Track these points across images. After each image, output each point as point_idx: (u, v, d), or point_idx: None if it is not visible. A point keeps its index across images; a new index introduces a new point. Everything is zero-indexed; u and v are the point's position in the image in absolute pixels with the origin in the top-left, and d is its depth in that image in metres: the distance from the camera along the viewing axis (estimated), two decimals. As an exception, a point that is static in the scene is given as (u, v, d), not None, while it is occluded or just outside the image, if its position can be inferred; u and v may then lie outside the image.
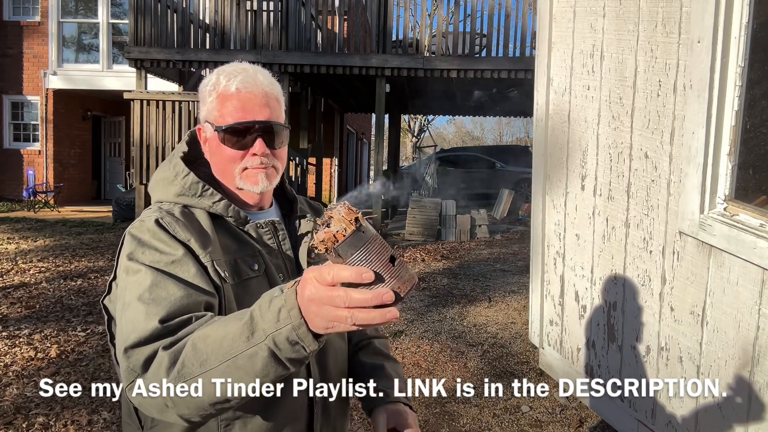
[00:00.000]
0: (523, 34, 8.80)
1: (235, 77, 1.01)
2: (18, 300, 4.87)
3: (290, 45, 8.83)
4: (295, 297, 0.71)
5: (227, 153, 1.02)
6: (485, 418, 2.94)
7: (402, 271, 0.70)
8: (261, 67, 1.06)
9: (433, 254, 7.52)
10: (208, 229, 1.00)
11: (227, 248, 1.00)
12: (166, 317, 0.85)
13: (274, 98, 1.03)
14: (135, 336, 0.83)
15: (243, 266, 1.00)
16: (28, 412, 2.90)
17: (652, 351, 2.45)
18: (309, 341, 0.71)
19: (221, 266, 0.96)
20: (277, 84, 1.06)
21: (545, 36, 3.16)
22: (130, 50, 8.79)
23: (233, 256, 1.00)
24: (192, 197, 1.03)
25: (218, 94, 1.02)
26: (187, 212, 1.01)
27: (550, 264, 3.25)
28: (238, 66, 1.04)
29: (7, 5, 12.38)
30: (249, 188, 1.03)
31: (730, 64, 2.00)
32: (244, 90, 1.00)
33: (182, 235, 0.95)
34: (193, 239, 0.95)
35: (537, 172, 3.35)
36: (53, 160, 12.46)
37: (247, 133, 1.01)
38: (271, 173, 1.04)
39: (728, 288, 2.02)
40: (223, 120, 1.01)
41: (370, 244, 0.69)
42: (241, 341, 0.74)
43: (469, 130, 44.57)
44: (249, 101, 1.00)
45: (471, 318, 4.66)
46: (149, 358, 0.81)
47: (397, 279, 0.69)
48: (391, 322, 0.68)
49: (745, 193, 2.07)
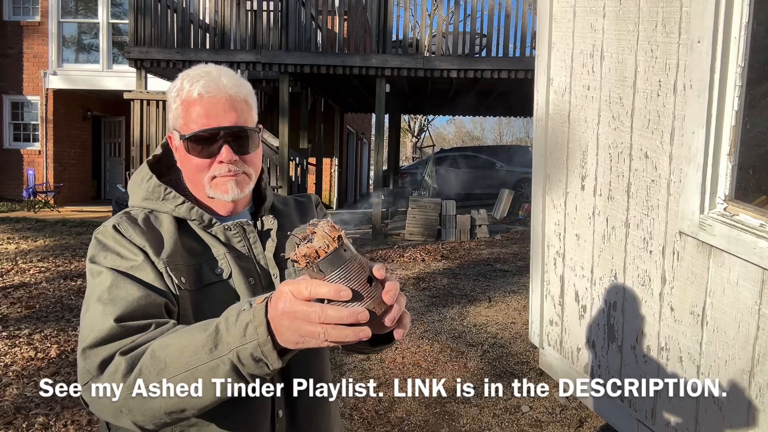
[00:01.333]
0: (523, 34, 8.80)
1: (197, 81, 0.96)
2: (18, 300, 4.87)
3: (290, 45, 8.83)
4: (264, 314, 0.71)
5: (194, 162, 0.98)
6: (485, 418, 2.94)
7: (379, 293, 0.71)
8: (227, 69, 1.01)
9: (433, 254, 7.53)
10: (170, 234, 0.98)
11: (192, 252, 0.98)
12: (122, 316, 0.84)
13: (240, 101, 0.98)
14: (92, 337, 0.83)
15: (206, 271, 0.98)
16: (28, 412, 2.90)
17: (652, 351, 2.45)
18: (273, 359, 0.71)
19: (179, 272, 0.94)
20: (245, 85, 1.01)
21: (545, 36, 3.16)
22: (130, 50, 8.79)
23: (198, 260, 0.98)
24: (155, 201, 1.01)
25: (182, 101, 0.97)
26: (150, 217, 1.00)
27: (550, 264, 3.25)
28: (201, 69, 0.99)
29: (7, 5, 12.38)
30: (220, 197, 0.99)
31: (730, 64, 2.00)
32: (206, 95, 0.95)
33: (138, 240, 0.94)
34: (148, 245, 0.94)
35: (537, 172, 3.35)
36: (53, 160, 12.47)
37: (213, 141, 0.96)
38: (242, 180, 0.99)
39: (728, 288, 2.02)
40: (187, 128, 0.97)
41: (350, 263, 0.70)
42: (204, 353, 0.74)
43: (469, 130, 44.60)
44: (212, 106, 0.96)
45: (471, 318, 4.66)
46: (105, 361, 0.81)
47: (373, 299, 0.71)
48: (363, 340, 0.69)
49: (745, 193, 2.07)
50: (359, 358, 3.61)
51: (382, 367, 3.54)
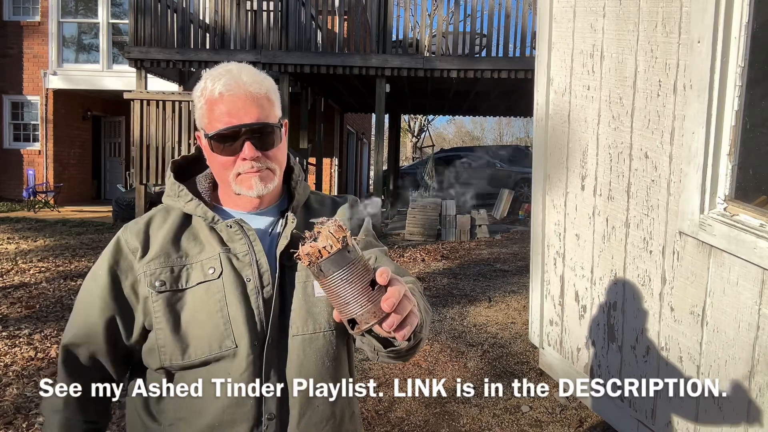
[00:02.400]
0: (523, 34, 8.80)
1: (218, 80, 0.98)
2: (18, 300, 4.87)
3: (290, 45, 8.83)
4: None
5: (219, 160, 1.01)
6: (485, 418, 2.94)
7: (379, 298, 0.70)
8: (248, 66, 1.03)
9: (433, 254, 7.52)
10: (170, 233, 1.04)
11: (188, 251, 1.03)
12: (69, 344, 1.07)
13: (262, 97, 1.00)
14: (62, 342, 1.10)
15: (197, 270, 1.01)
16: (28, 412, 2.90)
17: (652, 351, 2.45)
18: None
19: (160, 274, 1.00)
20: (266, 81, 1.02)
21: (545, 36, 3.16)
22: (130, 50, 8.78)
23: (192, 260, 1.02)
24: (172, 197, 1.06)
25: (206, 100, 1.00)
26: (159, 216, 1.07)
27: (550, 264, 3.25)
28: (222, 68, 1.01)
29: (7, 5, 12.38)
30: (245, 193, 1.02)
31: (730, 64, 2.00)
32: (227, 93, 0.97)
33: (132, 244, 1.04)
34: (140, 248, 1.03)
35: (537, 172, 3.35)
36: (53, 160, 12.46)
37: (235, 138, 0.98)
38: (267, 176, 1.01)
39: (728, 288, 2.02)
40: (211, 127, 0.99)
41: (353, 265, 0.70)
42: None
43: (469, 130, 44.58)
44: (233, 104, 0.97)
45: (471, 318, 4.66)
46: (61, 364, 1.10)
47: (373, 304, 0.70)
48: None
49: (745, 193, 2.07)
50: (359, 358, 3.61)
51: (382, 367, 3.54)
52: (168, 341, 0.99)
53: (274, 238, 1.05)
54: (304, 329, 1.01)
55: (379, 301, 0.70)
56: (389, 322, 0.72)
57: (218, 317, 0.99)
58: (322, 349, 1.02)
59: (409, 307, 0.74)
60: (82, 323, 1.06)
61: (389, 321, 0.72)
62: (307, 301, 1.02)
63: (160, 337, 0.99)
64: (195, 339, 0.99)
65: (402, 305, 0.73)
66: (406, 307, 0.74)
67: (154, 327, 1.00)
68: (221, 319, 0.98)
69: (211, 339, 0.98)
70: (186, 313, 1.00)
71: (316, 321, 1.02)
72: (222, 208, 1.09)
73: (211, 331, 0.98)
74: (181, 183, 1.07)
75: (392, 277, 0.73)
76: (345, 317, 0.73)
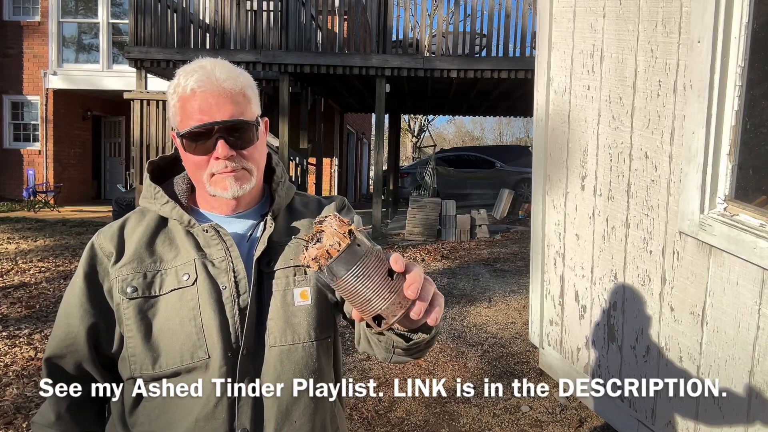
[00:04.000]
0: (523, 34, 8.79)
1: (191, 76, 0.94)
2: (18, 300, 4.87)
3: (290, 45, 8.83)
4: None
5: (192, 160, 0.96)
6: (485, 418, 2.94)
7: (401, 286, 0.65)
8: (223, 61, 0.98)
9: (433, 254, 7.52)
10: (145, 236, 1.00)
11: (163, 256, 0.98)
12: (52, 356, 1.02)
13: (237, 93, 0.95)
14: (44, 356, 1.05)
15: (171, 277, 0.97)
16: (28, 412, 2.90)
17: (652, 351, 2.45)
18: None
19: (134, 280, 0.96)
20: (242, 77, 0.97)
21: (545, 36, 3.16)
22: (130, 50, 8.78)
23: (166, 266, 0.97)
24: (149, 199, 1.02)
25: (179, 97, 0.95)
26: (133, 218, 1.03)
27: (550, 264, 3.25)
28: (196, 63, 0.97)
29: (7, 5, 12.38)
30: (220, 194, 0.96)
31: (730, 64, 2.00)
32: (199, 90, 0.93)
33: (106, 249, 1.00)
34: (114, 253, 0.99)
35: (537, 172, 3.35)
36: (53, 160, 12.46)
37: (208, 136, 0.93)
38: (243, 176, 0.96)
39: (728, 288, 2.02)
40: (184, 125, 0.94)
41: (366, 258, 0.63)
42: None
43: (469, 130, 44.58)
44: (206, 101, 0.93)
45: (471, 318, 4.66)
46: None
47: (397, 294, 0.64)
48: None
49: (745, 193, 2.07)
50: (359, 358, 3.61)
51: (382, 366, 3.54)
52: (138, 350, 0.95)
53: (252, 243, 1.00)
54: (282, 340, 0.96)
55: (401, 289, 0.64)
56: (416, 310, 0.67)
57: (191, 326, 0.95)
58: (301, 361, 0.97)
59: (431, 290, 0.70)
60: (63, 334, 1.01)
61: (416, 308, 0.67)
62: (287, 311, 0.97)
63: (130, 346, 0.96)
64: (166, 348, 0.95)
65: (425, 289, 0.68)
66: (429, 290, 0.69)
67: (125, 335, 0.97)
68: (194, 328, 0.94)
69: (183, 349, 0.94)
70: (158, 321, 0.96)
71: (295, 332, 0.97)
72: (199, 210, 1.04)
73: (184, 340, 0.94)
74: (158, 185, 1.03)
75: (407, 262, 0.68)
76: (369, 315, 0.67)
